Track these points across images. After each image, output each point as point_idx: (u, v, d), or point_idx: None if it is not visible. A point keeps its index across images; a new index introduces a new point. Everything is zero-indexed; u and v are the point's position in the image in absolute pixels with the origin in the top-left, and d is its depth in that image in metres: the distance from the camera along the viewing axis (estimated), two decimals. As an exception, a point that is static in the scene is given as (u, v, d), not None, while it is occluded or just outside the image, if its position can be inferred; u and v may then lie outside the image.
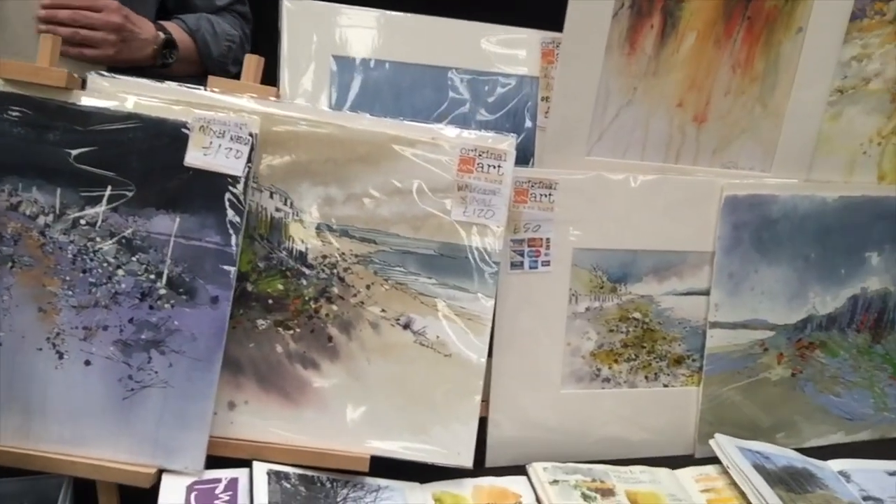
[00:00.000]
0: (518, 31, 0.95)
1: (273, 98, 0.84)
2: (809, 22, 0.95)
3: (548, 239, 0.92)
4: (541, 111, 0.95)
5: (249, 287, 0.83)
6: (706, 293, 0.98)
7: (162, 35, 1.15)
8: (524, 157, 0.93)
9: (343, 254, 0.84)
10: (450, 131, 0.85)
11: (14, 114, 0.78)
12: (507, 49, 0.94)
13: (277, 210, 0.83)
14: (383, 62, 0.90)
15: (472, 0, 0.92)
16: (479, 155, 0.85)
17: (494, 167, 0.85)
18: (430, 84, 0.92)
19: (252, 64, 0.85)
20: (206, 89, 0.83)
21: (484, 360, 0.85)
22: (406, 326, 0.84)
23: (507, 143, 0.85)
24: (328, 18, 0.89)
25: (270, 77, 0.88)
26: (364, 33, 0.90)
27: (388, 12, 0.91)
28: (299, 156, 0.83)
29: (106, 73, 0.82)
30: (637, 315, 0.96)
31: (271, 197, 0.83)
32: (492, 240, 0.85)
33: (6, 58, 0.79)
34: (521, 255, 0.91)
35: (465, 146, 0.84)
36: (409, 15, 0.92)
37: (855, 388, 1.08)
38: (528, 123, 0.95)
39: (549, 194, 0.91)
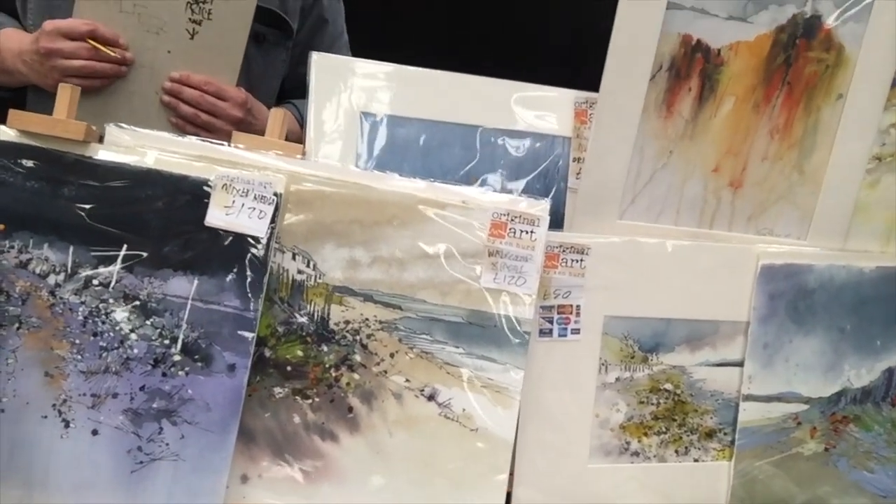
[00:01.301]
0: (550, 90, 0.92)
1: (299, 156, 0.81)
2: (850, 88, 0.92)
3: (578, 306, 0.88)
4: (572, 172, 0.92)
5: (267, 353, 0.79)
6: (739, 364, 0.95)
7: None
8: (554, 218, 0.89)
9: (367, 319, 0.80)
10: (481, 194, 0.82)
11: (28, 167, 0.74)
12: (539, 108, 0.91)
13: (299, 272, 0.80)
14: (412, 120, 0.88)
15: (504, 58, 0.90)
16: (512, 220, 0.81)
17: (527, 232, 0.81)
18: (460, 142, 0.89)
19: (277, 119, 0.82)
20: (229, 144, 0.80)
21: (512, 436, 0.80)
22: (431, 398, 0.80)
23: (541, 208, 0.82)
24: (357, 74, 0.86)
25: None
26: (393, 90, 0.87)
27: (417, 69, 0.88)
28: (324, 216, 0.80)
29: (126, 126, 0.79)
30: (668, 386, 0.92)
31: (293, 258, 0.80)
32: (522, 308, 0.81)
33: (130, 125, 0.78)
34: (551, 322, 0.87)
35: (497, 210, 0.81)
36: (439, 72, 0.89)
37: (889, 464, 1.03)
38: (559, 185, 0.92)
39: (581, 260, 0.87)
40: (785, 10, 0.89)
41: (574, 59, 1.60)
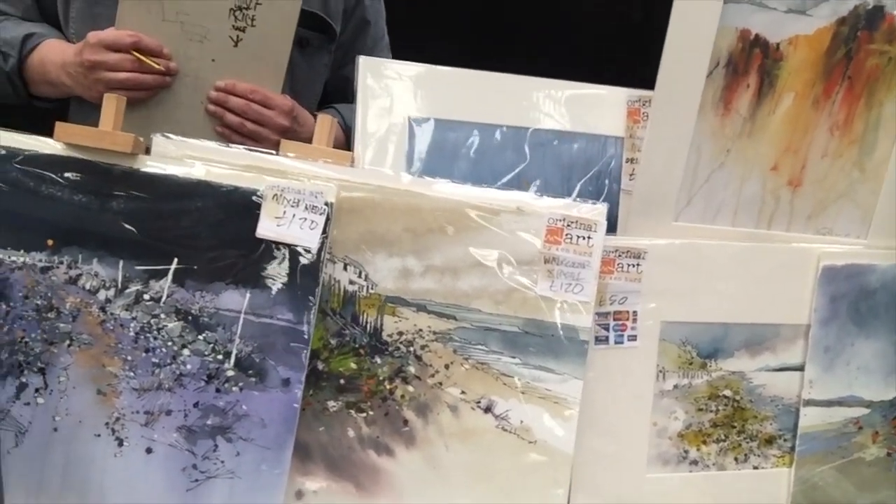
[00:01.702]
0: (601, 89, 0.89)
1: (348, 163, 0.79)
2: (914, 81, 0.89)
3: (635, 312, 0.85)
4: (625, 173, 0.89)
5: (320, 366, 0.77)
6: (800, 369, 0.91)
7: None
8: (607, 221, 0.87)
9: (420, 330, 0.78)
10: (535, 199, 0.79)
11: (75, 180, 0.73)
12: (591, 108, 0.89)
13: (351, 283, 0.78)
14: (462, 123, 0.85)
15: (554, 58, 0.87)
16: (568, 225, 0.79)
17: (584, 238, 0.79)
18: (511, 145, 0.86)
19: (325, 126, 0.80)
20: (278, 153, 0.78)
21: (571, 449, 0.78)
22: (487, 410, 0.78)
23: (598, 213, 0.79)
24: (404, 78, 0.84)
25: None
26: (442, 93, 0.85)
27: (465, 71, 0.86)
28: (375, 225, 0.77)
29: (173, 137, 0.77)
30: (728, 393, 0.90)
31: (345, 269, 0.78)
32: (580, 316, 0.79)
33: (175, 135, 0.77)
34: (607, 329, 0.85)
35: (552, 216, 0.79)
36: (487, 74, 0.86)
37: (952, 468, 1.00)
38: (612, 186, 0.89)
39: (637, 264, 0.85)
40: (846, 2, 0.86)
41: (624, 56, 1.57)
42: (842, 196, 0.92)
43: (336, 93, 1.16)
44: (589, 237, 0.79)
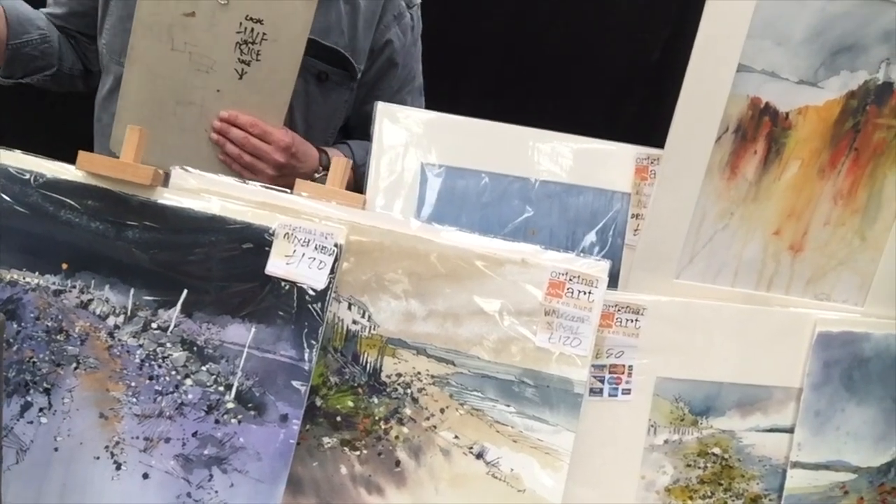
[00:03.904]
0: (610, 145, 0.91)
1: (360, 206, 0.81)
2: (919, 157, 0.91)
3: (630, 366, 0.87)
4: (630, 228, 0.91)
5: (318, 402, 0.79)
6: (789, 431, 0.93)
7: (321, 170, 1.09)
8: (609, 274, 0.89)
9: (419, 373, 0.80)
10: (540, 252, 0.81)
11: (93, 207, 0.75)
12: (600, 163, 0.90)
13: (354, 322, 0.79)
14: (473, 171, 0.87)
15: (565, 112, 0.89)
16: (570, 280, 0.80)
17: (585, 293, 0.80)
18: (518, 195, 0.88)
19: (340, 168, 0.82)
20: (292, 192, 0.80)
21: (560, 499, 0.79)
22: (479, 456, 0.80)
23: (600, 269, 0.81)
24: (419, 124, 0.86)
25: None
26: (454, 141, 0.87)
27: (479, 121, 0.88)
28: (381, 268, 0.79)
29: (191, 170, 0.79)
30: (717, 450, 0.91)
31: (349, 308, 0.79)
32: (577, 370, 0.80)
33: (178, 161, 0.79)
34: (602, 381, 0.86)
35: (555, 269, 0.80)
36: (500, 124, 0.88)
37: (936, 537, 1.01)
38: (616, 241, 0.91)
39: (636, 320, 0.86)
40: (857, 76, 0.88)
41: (634, 109, 1.60)
42: (841, 263, 0.94)
43: (357, 129, 1.18)
44: (590, 292, 0.81)
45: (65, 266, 0.74)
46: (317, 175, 1.07)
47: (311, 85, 1.06)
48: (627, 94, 1.62)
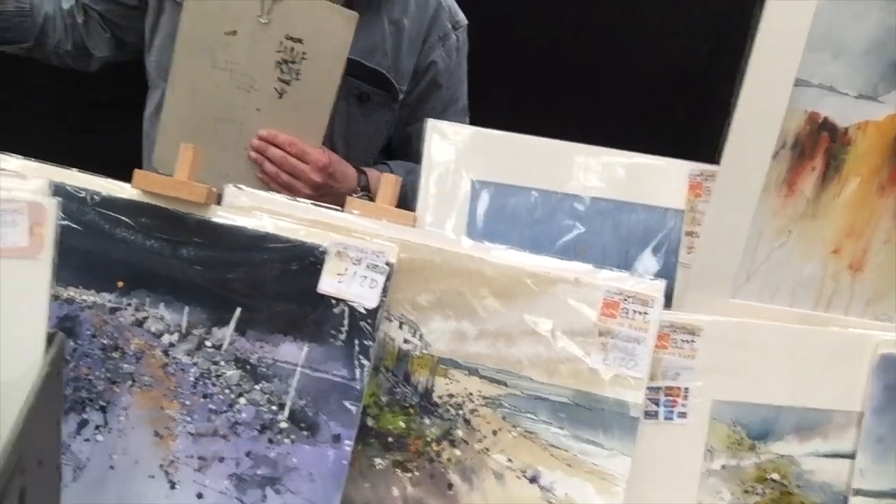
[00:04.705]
0: (662, 160, 0.90)
1: (410, 224, 0.80)
2: (984, 172, 0.88)
3: (686, 388, 0.85)
4: (684, 246, 0.89)
5: (370, 422, 0.78)
6: (851, 456, 0.90)
7: (360, 191, 1.11)
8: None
9: (471, 394, 0.78)
10: (594, 271, 0.79)
11: (148, 225, 0.75)
12: (652, 179, 0.89)
13: (405, 342, 0.79)
14: (523, 188, 0.86)
15: (605, 126, 0.88)
16: (625, 300, 0.79)
17: (640, 314, 0.79)
18: (569, 212, 0.87)
19: (390, 185, 0.81)
20: (342, 210, 0.80)
21: (615, 525, 0.78)
22: (533, 480, 0.78)
23: (655, 289, 0.79)
24: (469, 142, 0.85)
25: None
26: (504, 158, 0.86)
27: (529, 137, 0.87)
28: (432, 287, 0.78)
29: (244, 188, 0.79)
30: (776, 476, 0.88)
31: (400, 327, 0.79)
32: (632, 392, 0.79)
33: (219, 177, 0.79)
34: (657, 403, 0.84)
35: (609, 289, 0.79)
36: (550, 141, 0.87)
37: None
38: (670, 259, 0.89)
39: (692, 340, 0.84)
40: (919, 90, 0.85)
41: (685, 130, 1.58)
42: (903, 283, 0.91)
43: (400, 149, 1.18)
44: (645, 313, 0.79)
45: (120, 284, 0.75)
46: (355, 195, 1.08)
47: (352, 105, 1.06)
48: (669, 108, 1.60)
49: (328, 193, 1.02)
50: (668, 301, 0.90)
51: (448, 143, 0.85)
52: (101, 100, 1.38)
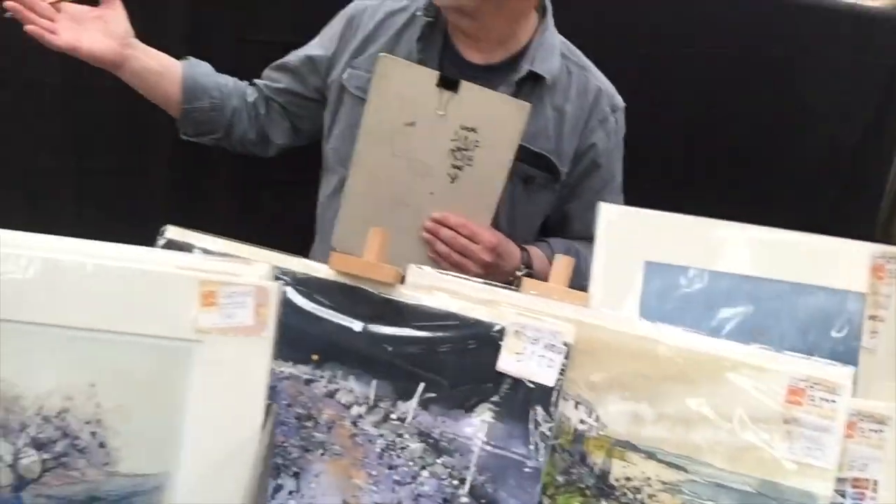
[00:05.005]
0: (841, 242, 0.88)
1: (583, 304, 0.82)
2: None
3: (875, 481, 0.80)
4: (866, 331, 0.86)
5: (546, 501, 0.78)
6: None
7: (523, 268, 1.14)
8: (844, 380, 0.84)
9: (649, 478, 0.78)
10: (776, 356, 0.78)
11: (342, 303, 0.81)
12: (831, 261, 0.87)
13: (581, 422, 0.79)
14: (696, 269, 0.86)
15: (789, 210, 0.87)
16: (811, 386, 0.76)
17: (827, 401, 0.76)
18: (744, 294, 0.86)
19: (562, 266, 0.84)
20: (516, 289, 0.83)
21: None
22: (715, 571, 0.76)
23: (844, 376, 0.76)
24: (643, 224, 0.87)
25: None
26: (679, 240, 0.87)
27: (702, 219, 0.88)
28: (609, 368, 0.79)
29: (425, 268, 0.84)
30: (981, 583, 0.81)
31: (576, 407, 0.80)
32: (820, 483, 0.75)
33: (393, 257, 0.84)
34: (843, 495, 0.80)
35: (794, 375, 0.77)
36: (723, 222, 0.88)
37: None
38: (851, 344, 0.86)
39: (880, 430, 0.80)
40: None
41: (830, 200, 1.53)
42: None
43: (556, 226, 1.21)
44: (833, 400, 0.76)
45: (315, 357, 0.81)
46: (518, 273, 1.11)
47: (517, 187, 1.11)
48: (826, 181, 1.55)
49: (495, 272, 1.06)
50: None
51: (620, 225, 0.87)
52: (272, 179, 1.50)
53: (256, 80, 1.27)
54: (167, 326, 0.65)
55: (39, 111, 1.50)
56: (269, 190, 1.52)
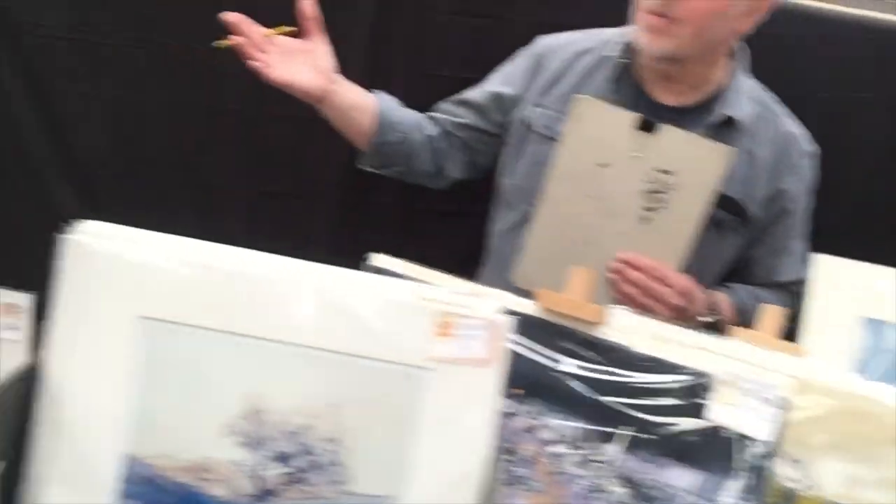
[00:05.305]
0: None
1: (798, 356, 0.80)
2: None
3: None
4: None
5: (751, 559, 0.77)
6: None
7: (708, 314, 1.12)
8: None
9: (865, 543, 0.74)
10: None
11: (547, 341, 0.82)
12: None
13: (791, 479, 0.77)
14: (917, 329, 0.83)
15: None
16: None
17: None
18: (970, 357, 0.82)
19: (774, 317, 0.82)
20: (723, 336, 0.82)
21: None
22: None
23: None
24: (859, 278, 0.84)
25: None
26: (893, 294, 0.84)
27: (925, 274, 0.84)
28: (824, 425, 0.76)
29: (626, 309, 0.84)
30: None
31: (786, 463, 0.77)
32: None
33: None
34: None
35: None
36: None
37: None
38: None
39: None
40: None
41: None
42: None
43: (739, 270, 1.18)
44: None
45: (519, 391, 0.82)
46: (704, 318, 1.08)
47: (707, 231, 1.09)
48: None
49: (681, 317, 1.04)
50: None
51: (836, 279, 0.84)
52: (434, 209, 1.53)
53: (435, 115, 1.31)
54: (404, 353, 0.68)
55: (224, 137, 1.61)
56: (429, 218, 1.55)
